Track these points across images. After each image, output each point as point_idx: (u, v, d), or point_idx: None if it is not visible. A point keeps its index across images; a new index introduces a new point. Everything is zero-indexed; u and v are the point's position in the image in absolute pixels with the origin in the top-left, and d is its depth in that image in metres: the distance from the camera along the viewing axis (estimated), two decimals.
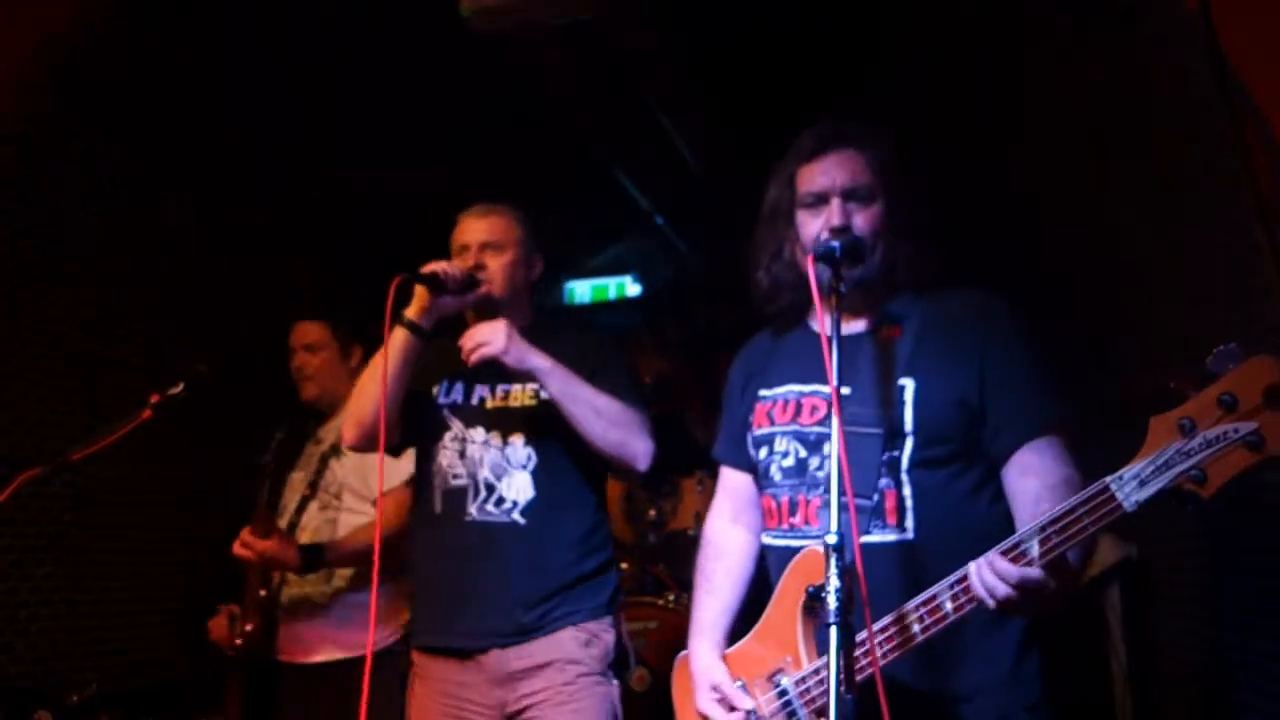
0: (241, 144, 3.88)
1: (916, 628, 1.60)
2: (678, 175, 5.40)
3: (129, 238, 3.61)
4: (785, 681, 1.79)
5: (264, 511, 2.86)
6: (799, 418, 1.91)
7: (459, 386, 2.60)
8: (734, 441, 2.12)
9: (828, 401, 1.86)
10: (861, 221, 1.86)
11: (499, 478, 2.47)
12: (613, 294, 6.88)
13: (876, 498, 1.76)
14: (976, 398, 1.77)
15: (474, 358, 2.31)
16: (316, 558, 2.86)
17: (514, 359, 2.32)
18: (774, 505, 1.94)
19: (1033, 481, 1.70)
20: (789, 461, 1.91)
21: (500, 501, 2.45)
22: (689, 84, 4.63)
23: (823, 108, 2.04)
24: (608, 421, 2.39)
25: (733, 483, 2.18)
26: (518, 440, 2.50)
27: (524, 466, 2.48)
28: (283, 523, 3.10)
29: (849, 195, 1.87)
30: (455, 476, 2.50)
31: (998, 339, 1.80)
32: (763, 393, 2.02)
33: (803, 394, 1.93)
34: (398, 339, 2.41)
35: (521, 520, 2.44)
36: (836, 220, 1.85)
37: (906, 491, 1.76)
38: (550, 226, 2.89)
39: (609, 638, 2.47)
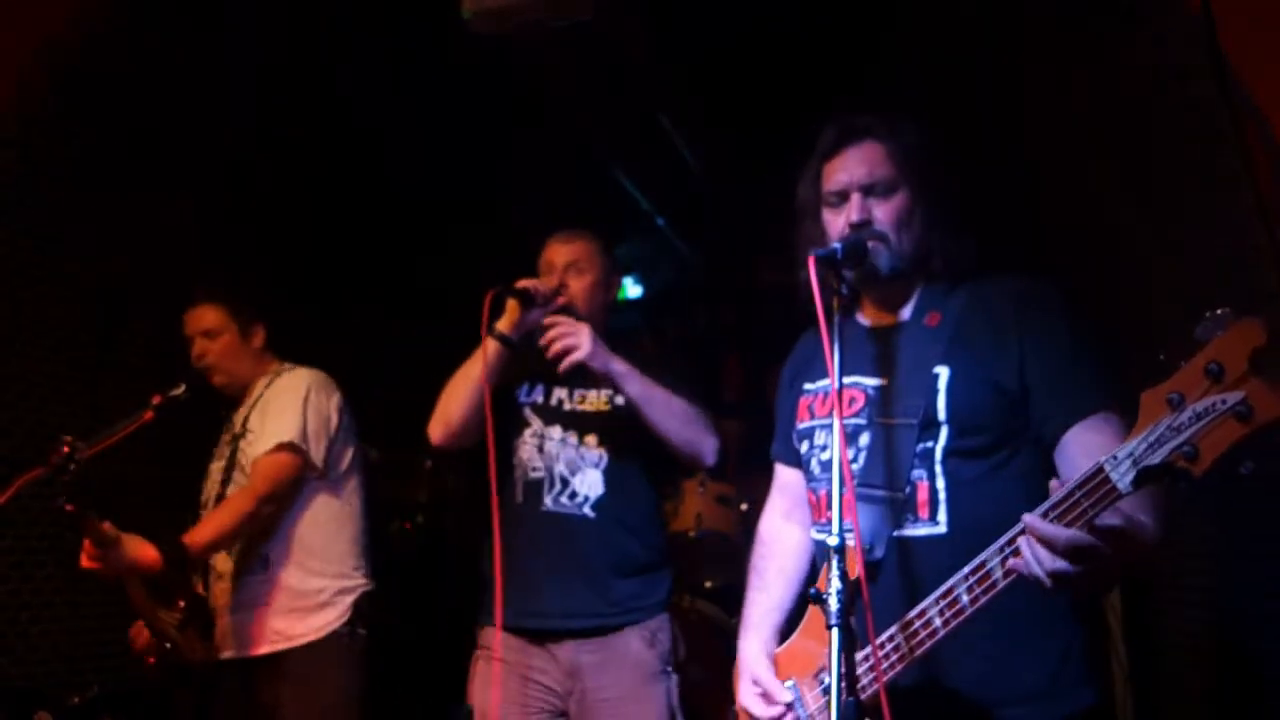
0: (241, 144, 3.89)
1: (938, 621, 1.57)
2: (678, 176, 5.40)
3: (129, 238, 3.61)
4: (828, 679, 1.77)
5: (92, 521, 2.56)
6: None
7: (540, 388, 2.80)
8: (785, 438, 2.11)
9: (865, 392, 1.84)
10: (882, 214, 1.84)
11: (573, 473, 2.68)
12: None
13: (909, 490, 1.72)
14: (1015, 383, 1.72)
15: (563, 365, 2.50)
16: (176, 552, 2.68)
17: (599, 363, 2.52)
18: (815, 499, 1.93)
19: (1086, 461, 1.57)
20: (827, 455, 1.88)
21: (573, 495, 2.66)
22: (689, 85, 4.63)
23: (823, 108, 2.02)
24: (681, 421, 2.60)
25: (785, 479, 2.17)
26: (591, 440, 2.70)
27: (596, 465, 2.68)
28: (204, 515, 2.97)
29: (869, 190, 1.85)
30: (534, 469, 2.70)
31: (1039, 323, 1.75)
32: (806, 386, 2.01)
33: (842, 386, 1.91)
34: (491, 349, 2.61)
35: (591, 514, 2.64)
36: (855, 216, 1.83)
37: (940, 484, 1.72)
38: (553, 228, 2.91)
39: (667, 635, 2.67)
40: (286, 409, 2.95)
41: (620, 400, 2.68)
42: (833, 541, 1.49)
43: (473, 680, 2.68)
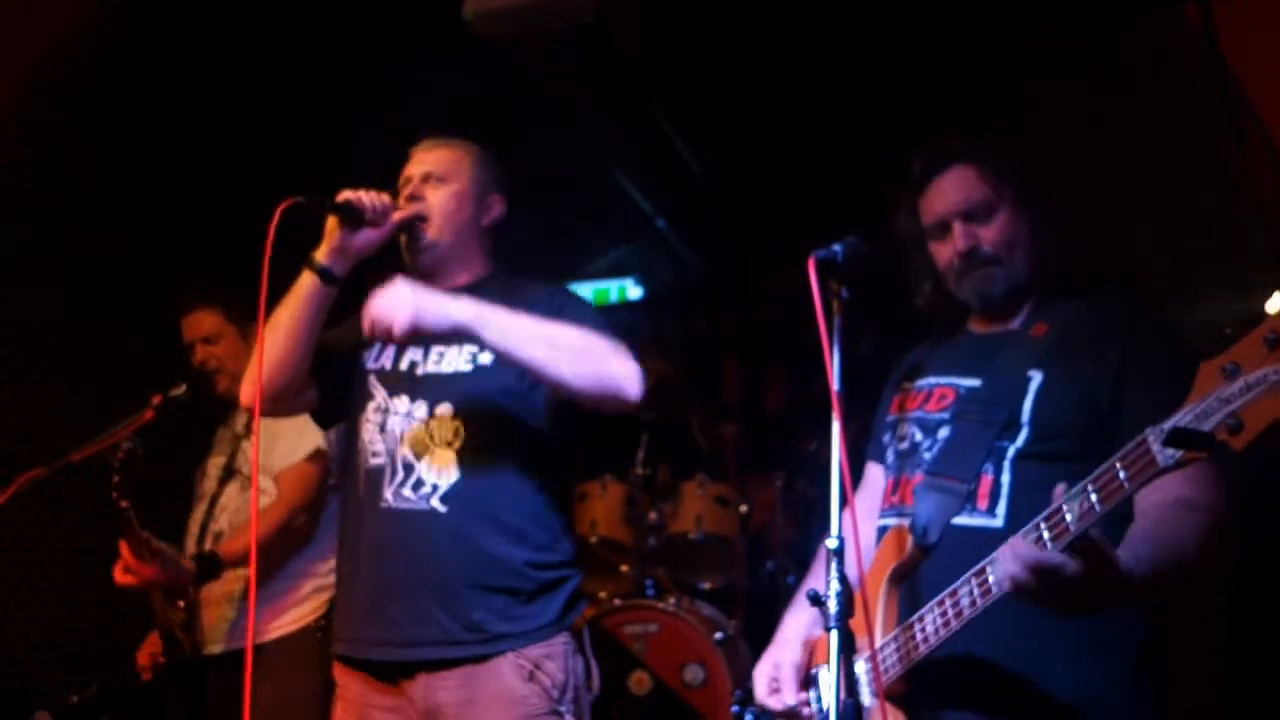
0: (243, 145, 3.89)
1: (966, 604, 1.56)
2: (680, 179, 5.40)
3: (130, 239, 3.61)
4: (858, 664, 1.76)
5: (137, 535, 2.60)
6: (927, 404, 1.90)
7: (390, 349, 2.21)
8: (877, 436, 2.10)
9: (956, 390, 1.86)
10: (989, 237, 1.84)
11: (419, 457, 2.08)
12: (614, 297, 6.87)
13: (974, 484, 1.72)
14: (1106, 399, 1.69)
15: (393, 337, 1.92)
16: (212, 565, 2.75)
17: (433, 320, 1.90)
18: (885, 486, 1.94)
19: (1148, 496, 1.51)
20: (905, 445, 1.90)
21: (418, 485, 2.06)
22: (691, 87, 4.63)
23: (824, 109, 2.03)
24: (572, 353, 1.97)
25: (871, 476, 2.13)
26: (445, 412, 2.09)
27: (449, 444, 2.07)
28: (200, 509, 3.01)
29: (969, 216, 1.84)
30: (374, 455, 2.12)
31: (1142, 346, 1.71)
32: (905, 384, 2.01)
33: (937, 384, 1.92)
34: (304, 286, 2.06)
35: (441, 508, 2.04)
36: (961, 245, 1.83)
37: (1005, 478, 1.71)
38: (553, 225, 2.88)
39: (556, 665, 2.05)
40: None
41: (485, 358, 2.11)
42: (831, 544, 1.49)
43: None
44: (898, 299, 2.01)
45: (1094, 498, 1.36)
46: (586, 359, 1.97)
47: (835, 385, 1.58)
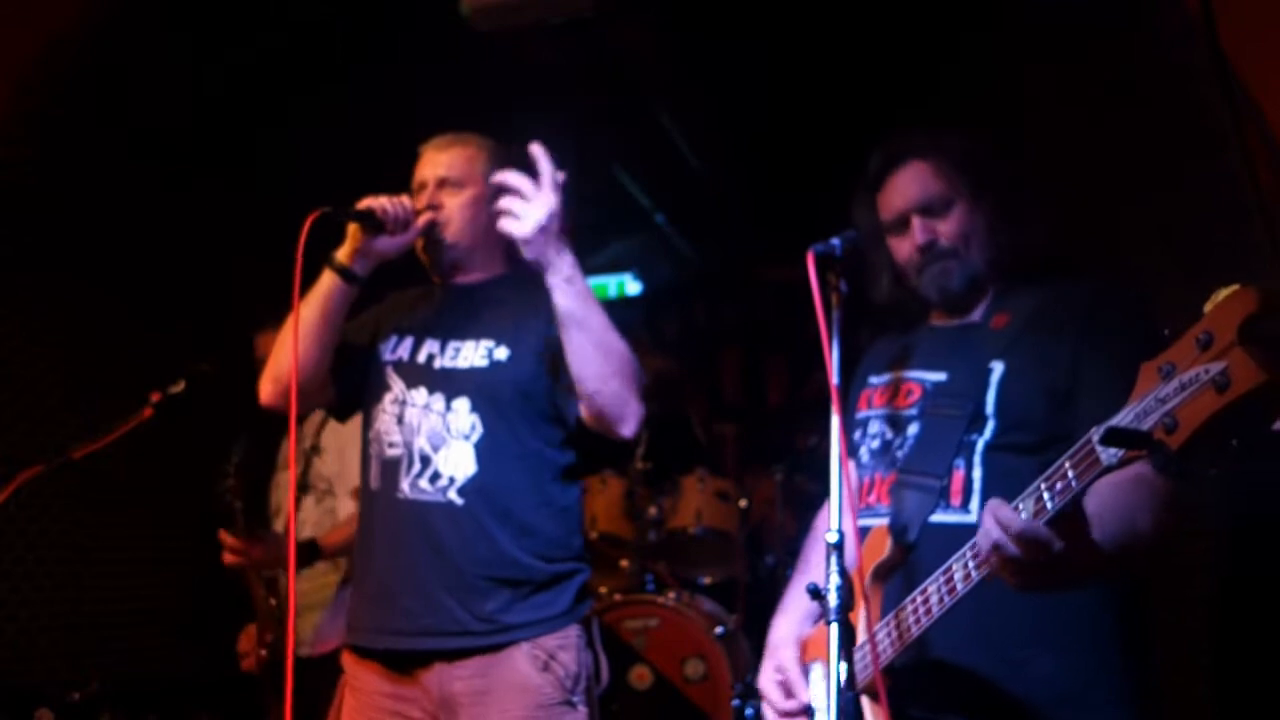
0: (242, 144, 3.89)
1: (934, 601, 1.57)
2: (678, 173, 5.40)
3: (130, 237, 3.61)
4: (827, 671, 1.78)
5: (243, 522, 2.77)
6: (894, 400, 1.92)
7: (407, 341, 2.25)
8: (849, 433, 2.09)
9: (923, 386, 1.87)
10: (945, 229, 1.85)
11: (436, 449, 2.11)
12: (613, 292, 6.88)
13: (946, 479, 1.74)
14: (1066, 385, 1.70)
15: (499, 226, 2.00)
16: (312, 552, 2.86)
17: (534, 251, 1.97)
18: (860, 486, 1.94)
19: (1110, 490, 1.50)
20: (876, 443, 1.91)
21: (435, 477, 2.10)
22: (689, 82, 4.63)
23: (822, 104, 2.03)
24: (613, 367, 2.02)
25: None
26: (462, 406, 2.12)
27: (466, 437, 2.11)
28: (279, 523, 3.08)
29: (925, 210, 1.86)
30: (391, 445, 2.15)
31: (1100, 328, 1.72)
32: (871, 379, 2.02)
33: (902, 379, 1.93)
34: (325, 284, 2.14)
35: (458, 500, 2.08)
36: (920, 239, 1.85)
37: (977, 474, 1.72)
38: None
39: (570, 656, 2.09)
40: None
41: (500, 354, 2.16)
42: (831, 539, 1.50)
43: (339, 715, 2.21)
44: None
45: (1046, 496, 1.38)
46: (619, 380, 2.02)
47: (834, 379, 1.59)
